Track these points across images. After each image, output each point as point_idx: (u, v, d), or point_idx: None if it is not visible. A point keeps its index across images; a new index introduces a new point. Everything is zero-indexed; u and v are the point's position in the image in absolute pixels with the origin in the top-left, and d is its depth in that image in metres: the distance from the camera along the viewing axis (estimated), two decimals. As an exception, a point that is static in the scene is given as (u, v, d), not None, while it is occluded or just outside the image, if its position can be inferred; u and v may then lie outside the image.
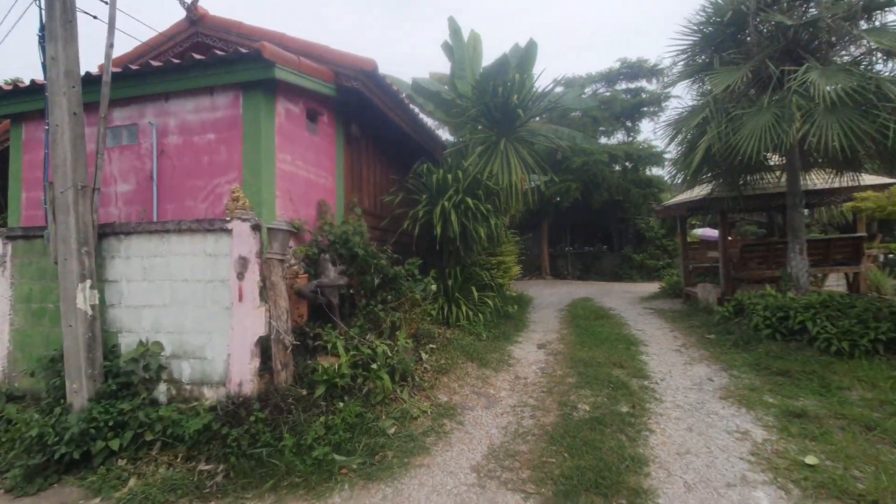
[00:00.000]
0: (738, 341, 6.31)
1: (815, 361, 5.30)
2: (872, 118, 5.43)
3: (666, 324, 8.29)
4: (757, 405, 4.51)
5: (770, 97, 6.12)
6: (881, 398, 4.37)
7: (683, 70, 7.42)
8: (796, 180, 6.79)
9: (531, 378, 5.66)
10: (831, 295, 6.05)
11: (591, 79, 20.77)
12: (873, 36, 5.65)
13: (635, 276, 21.12)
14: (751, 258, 8.61)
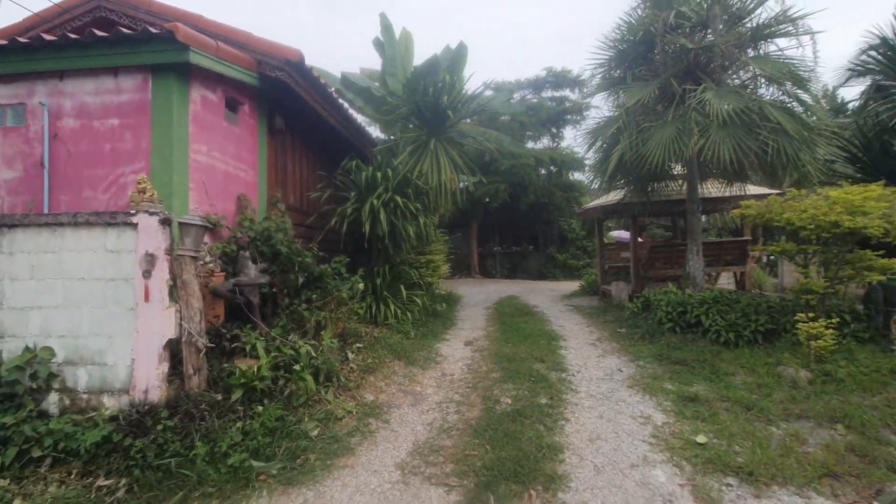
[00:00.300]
0: (644, 334, 6.89)
1: (708, 351, 5.92)
2: (756, 136, 6.18)
3: (584, 320, 8.83)
4: (658, 392, 4.95)
5: (674, 112, 6.73)
6: (758, 382, 4.98)
7: (601, 83, 7.96)
8: (695, 188, 7.54)
9: (457, 374, 5.78)
10: (721, 292, 6.80)
11: (520, 85, 21.55)
12: (757, 63, 6.44)
13: (559, 274, 22.26)
14: (657, 258, 9.44)
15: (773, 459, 3.60)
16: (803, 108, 6.62)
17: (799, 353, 5.34)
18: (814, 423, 4.18)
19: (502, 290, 15.31)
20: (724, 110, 6.12)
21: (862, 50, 8.03)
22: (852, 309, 5.68)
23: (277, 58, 5.64)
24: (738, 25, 6.93)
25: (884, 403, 4.34)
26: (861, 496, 3.26)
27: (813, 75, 6.74)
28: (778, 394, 4.69)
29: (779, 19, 6.77)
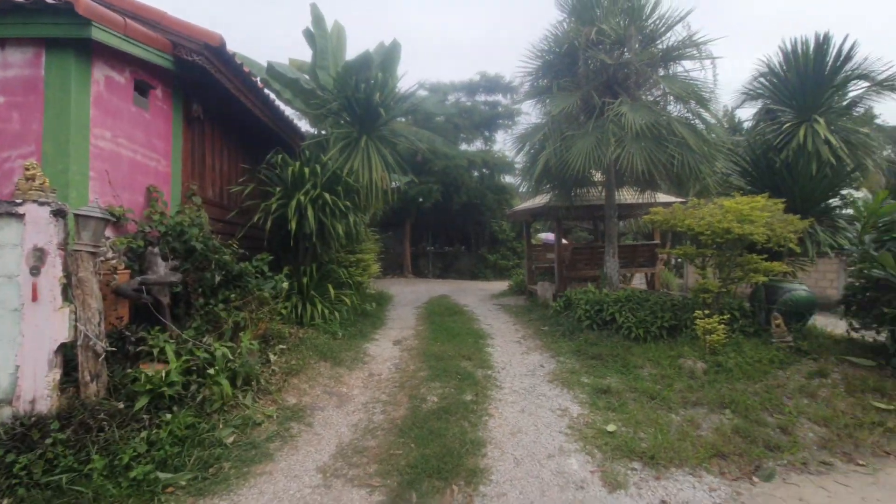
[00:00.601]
0: (565, 332, 7.27)
1: (620, 346, 6.37)
2: (664, 149, 6.75)
3: (510, 318, 9.14)
4: (576, 385, 5.25)
5: (594, 123, 7.17)
6: (662, 373, 5.44)
7: (529, 90, 8.29)
8: (612, 195, 8.08)
9: (385, 374, 5.75)
10: (634, 291, 7.36)
11: (454, 87, 21.83)
12: (667, 82, 7.04)
13: (490, 274, 22.85)
14: (579, 260, 10.01)
15: (672, 443, 3.96)
16: (705, 125, 7.34)
17: (697, 347, 5.90)
18: (707, 409, 4.64)
19: (434, 289, 15.42)
20: (638, 124, 6.61)
21: (754, 76, 9.04)
22: (741, 306, 6.40)
23: (196, 41, 5.28)
24: (651, 46, 7.53)
25: (763, 390, 4.92)
26: (743, 472, 3.67)
27: (713, 96, 7.49)
28: (678, 384, 5.16)
29: (685, 43, 7.44)
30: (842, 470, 3.71)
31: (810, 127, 7.69)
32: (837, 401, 4.63)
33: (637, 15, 7.50)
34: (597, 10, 7.66)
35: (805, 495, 3.35)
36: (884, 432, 4.18)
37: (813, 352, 5.52)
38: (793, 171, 7.43)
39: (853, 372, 5.07)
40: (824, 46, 7.90)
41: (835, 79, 8.17)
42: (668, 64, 7.55)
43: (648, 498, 3.25)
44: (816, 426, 4.29)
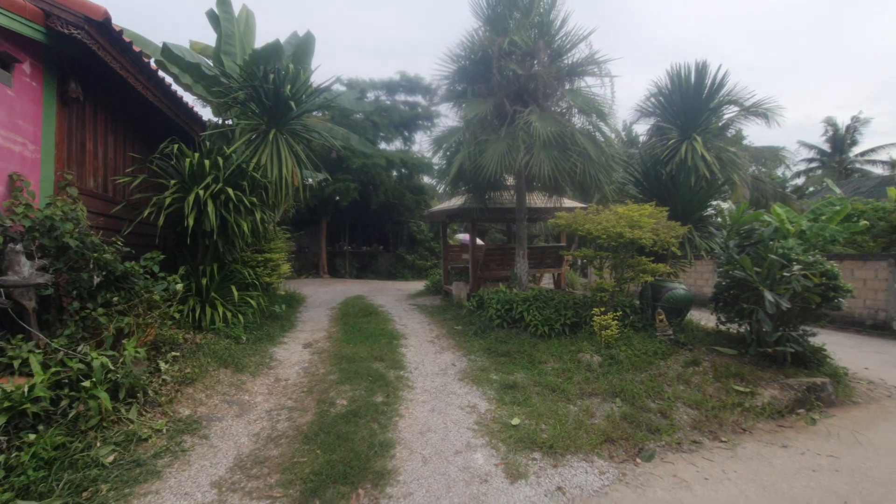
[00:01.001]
0: (477, 330, 7.50)
1: (527, 343, 6.71)
2: (568, 157, 7.21)
3: (425, 318, 9.23)
4: (485, 382, 5.44)
5: (507, 129, 7.47)
6: (563, 367, 5.82)
7: (445, 94, 8.44)
8: (522, 199, 8.48)
9: (293, 379, 5.53)
10: (541, 291, 7.79)
11: (374, 85, 21.57)
12: (571, 95, 7.54)
13: (408, 274, 22.87)
14: (492, 260, 10.38)
15: (570, 432, 4.25)
16: (604, 138, 7.96)
17: (595, 342, 6.39)
18: (601, 398, 5.04)
19: (350, 289, 15.10)
20: (545, 133, 7.01)
21: (647, 96, 9.97)
22: (632, 304, 7.04)
23: (74, 13, 4.67)
24: (558, 61, 8.02)
25: (648, 379, 5.45)
26: (629, 455, 4.04)
27: (611, 111, 8.15)
28: (577, 376, 5.55)
29: (588, 61, 8.02)
30: (708, 447, 4.24)
31: (690, 144, 8.65)
32: (707, 386, 5.27)
33: (546, 30, 7.95)
34: (510, 21, 8.00)
35: (678, 471, 3.77)
36: (742, 412, 4.84)
37: (689, 343, 6.22)
38: (676, 182, 8.31)
39: (720, 360, 5.80)
40: (702, 73, 8.93)
41: (711, 103, 9.26)
42: (573, 79, 8.09)
43: (546, 485, 3.46)
44: (690, 409, 4.85)
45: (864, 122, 29.94)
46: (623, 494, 3.39)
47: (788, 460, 3.97)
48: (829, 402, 5.24)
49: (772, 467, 3.85)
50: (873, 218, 13.10)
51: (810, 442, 4.32)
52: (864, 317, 10.19)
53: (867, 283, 10.17)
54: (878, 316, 9.97)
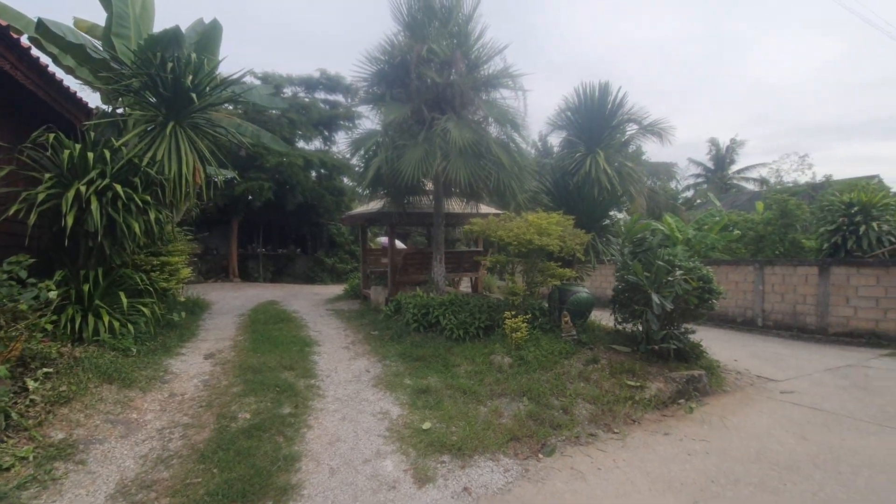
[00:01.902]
0: (394, 335, 7.47)
1: (442, 347, 6.81)
2: (484, 165, 7.45)
3: (342, 323, 9.02)
4: (398, 388, 5.43)
5: (425, 135, 7.55)
6: (476, 370, 5.98)
7: (364, 96, 8.34)
8: (440, 204, 8.62)
9: (190, 393, 5.12)
10: (457, 295, 7.96)
11: (292, 81, 20.70)
12: (487, 106, 7.81)
13: (327, 278, 22.18)
14: (411, 265, 10.41)
15: (478, 433, 4.38)
16: (517, 148, 8.34)
17: (506, 344, 6.64)
18: (510, 398, 5.26)
19: (263, 294, 14.34)
20: (463, 140, 7.18)
21: (557, 111, 10.60)
22: (541, 306, 7.42)
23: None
24: (475, 72, 8.28)
25: (553, 377, 5.78)
26: (532, 451, 4.25)
27: (525, 123, 8.55)
28: (489, 378, 5.73)
29: (503, 73, 8.36)
30: (603, 438, 4.59)
31: (594, 158, 9.32)
32: (604, 382, 5.70)
33: (463, 41, 8.17)
34: (429, 29, 8.11)
35: (575, 464, 4.04)
36: (632, 404, 5.30)
37: (590, 343, 6.69)
38: (581, 193, 8.92)
39: (616, 358, 6.30)
40: (605, 93, 9.69)
41: (613, 120, 10.07)
42: (488, 90, 8.39)
43: (453, 487, 3.53)
44: (588, 404, 5.22)
45: (740, 144, 34.27)
46: (525, 490, 3.56)
47: (669, 446, 4.41)
48: (705, 392, 5.91)
49: (655, 454, 4.26)
50: (744, 228, 15.02)
51: (688, 428, 4.84)
52: (736, 315, 11.63)
53: (738, 286, 11.64)
54: (746, 314, 11.44)
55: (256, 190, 16.80)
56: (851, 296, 9.63)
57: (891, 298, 9.13)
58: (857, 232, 10.31)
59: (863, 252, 10.21)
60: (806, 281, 10.31)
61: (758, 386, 6.43)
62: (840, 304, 9.78)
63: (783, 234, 13.65)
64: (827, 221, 11.19)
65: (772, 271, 10.98)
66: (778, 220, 13.85)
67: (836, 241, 10.61)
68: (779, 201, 14.18)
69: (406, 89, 8.00)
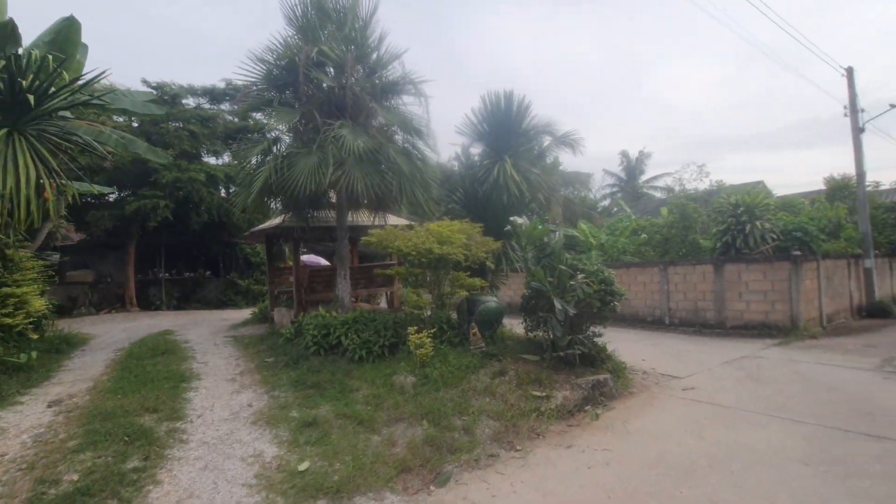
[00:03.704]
0: (290, 361, 6.76)
1: (342, 370, 6.23)
2: (383, 173, 7.04)
3: (237, 351, 8.11)
4: (282, 422, 4.78)
5: (319, 142, 7.00)
6: (375, 393, 5.47)
7: (252, 101, 7.63)
8: (343, 216, 8.07)
9: (12, 453, 4.14)
10: (362, 312, 7.40)
11: (193, 91, 19.20)
12: (385, 112, 7.42)
13: (241, 302, 20.57)
14: (317, 282, 9.71)
15: (365, 468, 3.87)
16: (421, 156, 8.02)
17: (412, 362, 6.18)
18: (408, 423, 4.79)
19: (159, 324, 12.83)
20: (359, 148, 6.73)
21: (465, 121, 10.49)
22: (449, 319, 7.07)
23: None
24: (374, 77, 7.90)
25: (459, 395, 5.41)
26: (424, 483, 3.81)
27: (430, 130, 8.27)
28: (388, 401, 5.24)
29: (405, 80, 8.05)
30: (504, 458, 4.24)
31: (502, 165, 9.25)
32: (510, 395, 5.41)
33: (361, 45, 7.78)
34: (322, 32, 7.64)
35: (469, 493, 3.65)
36: (538, 417, 5.04)
37: (499, 354, 6.42)
38: (490, 200, 8.78)
39: (524, 368, 6.06)
40: (511, 100, 9.72)
41: (519, 127, 10.12)
42: (389, 96, 8.04)
43: (321, 541, 2.99)
44: (492, 421, 4.88)
45: (647, 156, 36.91)
46: (405, 533, 3.09)
47: (570, 460, 4.16)
48: (611, 396, 5.82)
49: (555, 470, 3.99)
50: (651, 232, 15.85)
51: (591, 438, 4.64)
52: (645, 314, 12.07)
53: (646, 286, 12.11)
54: (655, 313, 11.90)
55: (150, 209, 15.19)
56: (743, 291, 10.28)
57: (777, 291, 9.84)
58: (744, 231, 11.10)
59: (749, 249, 11.00)
60: (704, 279, 10.89)
61: (662, 384, 6.48)
62: (734, 299, 10.40)
63: (684, 236, 14.52)
64: (718, 222, 12.01)
65: (675, 271, 11.52)
66: (679, 223, 14.73)
67: (727, 239, 11.36)
68: (679, 206, 15.12)
69: (297, 93, 7.43)
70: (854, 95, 13.03)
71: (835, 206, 14.90)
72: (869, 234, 12.80)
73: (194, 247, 21.86)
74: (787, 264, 9.75)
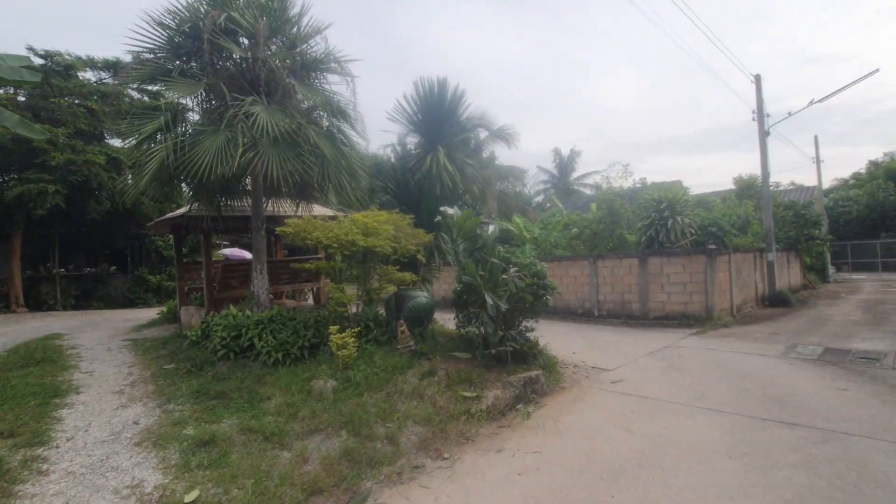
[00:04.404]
0: (193, 367, 5.98)
1: (253, 377, 5.57)
2: (302, 157, 6.40)
3: (133, 357, 7.11)
4: (172, 442, 4.10)
5: (227, 120, 6.22)
6: (290, 401, 4.90)
7: (148, 71, 6.63)
8: (259, 205, 7.31)
9: None
10: (280, 310, 6.73)
11: (94, 64, 17.02)
12: (305, 90, 6.73)
13: (152, 300, 18.74)
14: (233, 278, 8.83)
15: (268, 493, 3.35)
16: (347, 140, 7.43)
17: (334, 364, 5.67)
18: (324, 434, 4.30)
19: (48, 327, 11.19)
20: (275, 128, 6.04)
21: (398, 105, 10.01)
22: (376, 316, 6.61)
23: None
24: (294, 51, 7.18)
25: (383, 399, 4.99)
26: None
27: (357, 114, 7.68)
28: (304, 410, 4.71)
29: (329, 57, 7.40)
30: (429, 469, 3.88)
31: (435, 155, 8.89)
32: (439, 397, 5.07)
33: (277, 16, 7.04)
34: None
35: (388, 514, 3.26)
36: (467, 419, 4.74)
37: (429, 352, 6.06)
38: (423, 191, 8.38)
39: (455, 367, 5.75)
40: (444, 87, 9.37)
41: (453, 117, 9.80)
42: (311, 74, 7.35)
43: None
44: (419, 427, 4.51)
45: (578, 154, 38.32)
46: (308, 573, 2.64)
47: (500, 467, 3.89)
48: (543, 392, 5.66)
49: (484, 480, 3.69)
50: (581, 227, 16.27)
51: (522, 440, 4.41)
52: (577, 307, 12.29)
53: (577, 279, 12.32)
54: (585, 305, 12.15)
55: (36, 194, 13.25)
56: (665, 283, 10.70)
57: (694, 283, 10.33)
58: (666, 225, 11.58)
59: (671, 243, 11.50)
60: (630, 272, 11.23)
61: (592, 378, 6.45)
62: (657, 291, 10.81)
63: (612, 230, 15.01)
64: (643, 217, 12.46)
65: (603, 264, 11.79)
66: (607, 218, 15.20)
67: (650, 234, 11.81)
68: (607, 201, 15.61)
69: (203, 65, 6.56)
70: (761, 101, 14.03)
71: (743, 203, 16.11)
72: (772, 229, 13.89)
73: (96, 239, 19.56)
74: (703, 258, 10.26)
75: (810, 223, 16.71)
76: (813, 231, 16.87)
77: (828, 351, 7.41)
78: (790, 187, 26.96)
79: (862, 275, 24.08)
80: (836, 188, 32.90)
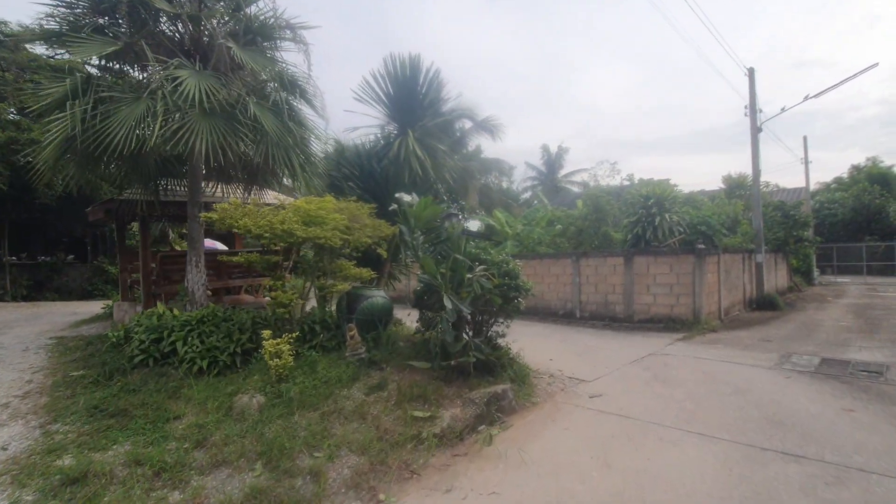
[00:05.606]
0: (103, 375, 5.09)
1: (169, 389, 4.72)
2: (240, 133, 5.52)
3: (46, 361, 6.18)
4: (37, 478, 3.25)
5: (150, 88, 5.30)
6: (202, 422, 4.08)
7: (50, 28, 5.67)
8: (197, 188, 6.41)
9: None
10: (214, 310, 5.85)
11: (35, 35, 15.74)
12: (247, 55, 5.79)
13: (111, 291, 17.58)
14: (173, 270, 7.91)
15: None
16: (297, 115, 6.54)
17: (267, 375, 4.84)
18: (233, 468, 3.48)
19: (-23, 321, 10.13)
20: (208, 97, 5.15)
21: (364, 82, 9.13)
22: (323, 319, 5.77)
23: None
24: (238, 13, 6.26)
25: (318, 419, 4.19)
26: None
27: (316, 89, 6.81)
28: (217, 434, 3.89)
29: (280, 24, 6.50)
30: (357, 517, 3.11)
31: (405, 139, 8.05)
32: (385, 417, 4.28)
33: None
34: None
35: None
36: (415, 447, 3.95)
37: (382, 361, 5.27)
38: (389, 178, 7.54)
39: (410, 378, 4.96)
40: (416, 67, 8.51)
41: (426, 99, 8.96)
42: (257, 39, 6.42)
43: None
44: (354, 456, 3.72)
45: (566, 151, 37.74)
46: None
47: (445, 515, 3.12)
48: (510, 410, 4.90)
49: (422, 534, 2.91)
50: (566, 223, 15.54)
51: (478, 475, 3.64)
52: (558, 307, 11.58)
53: (559, 278, 11.61)
54: (566, 306, 11.44)
55: (-29, 175, 12.08)
56: (651, 284, 10.03)
57: (682, 285, 9.67)
58: (653, 223, 10.91)
59: (659, 241, 10.83)
60: (615, 271, 10.54)
61: (568, 390, 5.72)
62: (642, 292, 10.14)
63: (597, 227, 14.31)
64: (630, 214, 11.78)
65: (587, 263, 11.10)
66: (593, 214, 14.49)
67: (637, 231, 11.13)
68: (593, 198, 14.89)
69: (118, 19, 5.61)
70: (754, 95, 13.44)
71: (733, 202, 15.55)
72: (761, 229, 13.34)
73: (51, 226, 18.31)
74: (691, 258, 9.61)
75: (799, 224, 16.26)
76: (801, 232, 16.43)
77: (825, 362, 6.79)
78: (775, 189, 26.68)
79: (847, 278, 23.87)
80: (820, 191, 32.84)
